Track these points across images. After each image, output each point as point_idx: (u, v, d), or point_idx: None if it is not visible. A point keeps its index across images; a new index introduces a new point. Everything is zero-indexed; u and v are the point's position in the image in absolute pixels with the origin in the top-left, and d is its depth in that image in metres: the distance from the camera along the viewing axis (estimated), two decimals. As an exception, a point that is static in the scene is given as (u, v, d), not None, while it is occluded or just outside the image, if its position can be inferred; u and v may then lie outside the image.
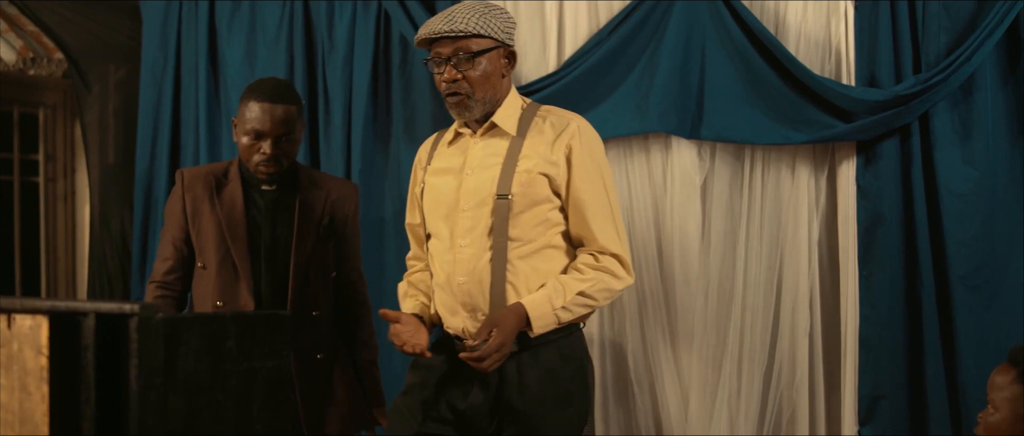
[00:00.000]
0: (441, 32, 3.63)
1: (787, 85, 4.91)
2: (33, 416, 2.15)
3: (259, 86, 4.22)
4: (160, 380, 2.11)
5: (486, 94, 3.69)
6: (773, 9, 5.04)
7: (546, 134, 3.71)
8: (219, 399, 2.23)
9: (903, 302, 4.89)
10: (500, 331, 3.54)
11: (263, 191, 4.24)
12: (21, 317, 2.17)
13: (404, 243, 5.42)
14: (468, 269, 3.66)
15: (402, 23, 5.32)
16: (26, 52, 6.27)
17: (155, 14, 5.80)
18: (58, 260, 6.35)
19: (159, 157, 5.75)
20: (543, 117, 3.77)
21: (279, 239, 4.22)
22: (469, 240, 3.67)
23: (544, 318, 3.59)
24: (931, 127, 4.81)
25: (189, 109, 5.74)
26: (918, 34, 4.85)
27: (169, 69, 5.76)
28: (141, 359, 2.09)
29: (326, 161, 5.51)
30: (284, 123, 4.15)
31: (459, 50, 3.64)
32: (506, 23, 3.71)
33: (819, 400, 5.06)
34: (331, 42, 5.53)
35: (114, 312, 2.11)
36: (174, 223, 4.27)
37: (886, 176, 4.87)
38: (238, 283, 4.18)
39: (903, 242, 4.88)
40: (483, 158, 3.73)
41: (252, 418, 2.29)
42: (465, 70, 3.65)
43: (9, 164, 6.22)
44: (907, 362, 4.89)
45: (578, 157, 3.69)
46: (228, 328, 2.25)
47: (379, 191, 5.47)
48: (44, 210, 6.31)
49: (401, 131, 5.45)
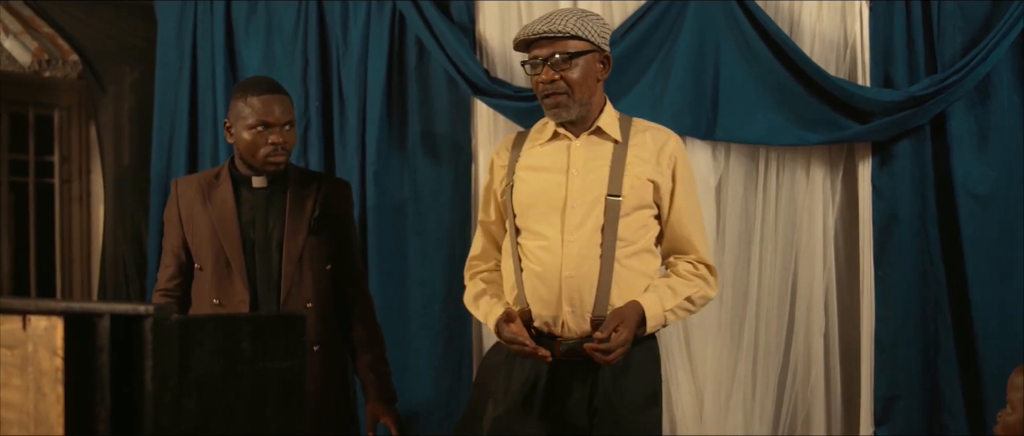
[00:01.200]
0: (539, 33, 3.73)
1: (802, 86, 4.89)
2: (48, 417, 2.15)
3: (251, 83, 4.34)
4: (174, 381, 2.12)
5: (582, 95, 3.78)
6: (788, 9, 5.03)
7: (649, 145, 3.84)
8: (233, 400, 2.23)
9: (918, 302, 4.88)
10: (627, 326, 3.64)
11: (254, 189, 4.32)
12: (36, 318, 2.18)
13: (421, 242, 5.44)
14: (576, 264, 3.72)
15: (416, 24, 5.32)
16: (41, 54, 6.28)
17: (170, 16, 5.81)
18: (73, 261, 6.36)
19: (176, 158, 5.75)
20: (641, 129, 3.90)
21: (271, 233, 4.29)
22: (577, 236, 3.73)
23: (656, 318, 3.73)
24: (948, 128, 4.80)
25: (206, 110, 5.74)
26: (933, 35, 4.83)
27: (185, 70, 5.76)
28: (156, 360, 2.09)
29: (341, 162, 5.51)
30: (287, 112, 4.26)
31: (556, 51, 3.73)
32: (603, 29, 3.79)
33: (835, 400, 5.04)
34: (346, 43, 5.53)
35: (129, 313, 2.12)
36: (172, 231, 4.38)
37: (901, 177, 4.85)
38: (233, 279, 4.24)
39: (918, 243, 4.87)
40: (588, 159, 3.82)
41: (266, 419, 2.29)
42: (562, 71, 3.73)
43: (24, 166, 6.23)
44: (923, 362, 4.87)
45: (681, 172, 3.86)
46: (242, 329, 2.25)
47: (395, 191, 5.47)
48: (59, 211, 6.31)
49: (416, 132, 5.45)
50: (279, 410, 2.30)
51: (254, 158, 4.23)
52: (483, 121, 5.41)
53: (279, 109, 4.22)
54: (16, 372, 2.21)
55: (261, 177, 4.31)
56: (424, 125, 5.46)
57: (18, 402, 2.22)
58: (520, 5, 5.34)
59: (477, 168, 5.41)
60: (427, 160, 5.45)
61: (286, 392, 2.31)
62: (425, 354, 5.42)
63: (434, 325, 5.41)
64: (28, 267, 6.25)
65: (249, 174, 4.31)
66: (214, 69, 5.69)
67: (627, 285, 3.74)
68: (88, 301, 2.34)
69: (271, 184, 4.32)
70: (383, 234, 5.43)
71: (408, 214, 5.47)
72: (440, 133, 5.43)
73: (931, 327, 4.86)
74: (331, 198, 4.40)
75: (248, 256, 4.26)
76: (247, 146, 4.22)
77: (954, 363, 4.82)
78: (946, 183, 4.83)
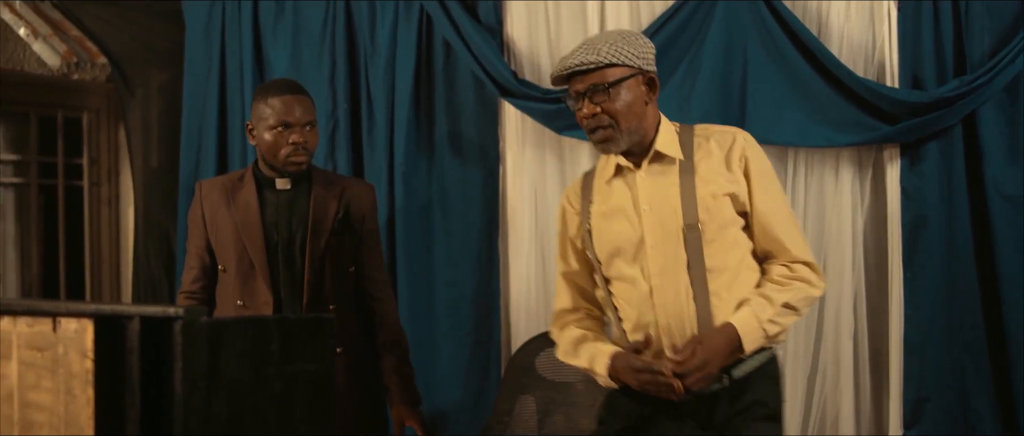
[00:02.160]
0: (571, 67, 3.51)
1: (830, 87, 4.88)
2: (78, 419, 2.16)
3: (272, 84, 4.38)
4: (204, 383, 2.12)
5: (630, 125, 3.54)
6: (816, 11, 5.01)
7: (715, 154, 3.58)
8: (262, 402, 2.23)
9: (948, 304, 4.85)
10: (704, 347, 3.40)
11: (277, 190, 4.33)
12: (66, 320, 2.19)
13: (449, 243, 5.44)
14: (669, 310, 3.50)
15: (444, 26, 5.33)
16: (70, 57, 6.31)
17: (198, 18, 5.82)
18: (102, 264, 6.39)
19: (204, 160, 5.77)
20: (704, 137, 3.63)
21: (294, 235, 4.30)
22: (663, 279, 3.51)
23: (753, 334, 3.46)
24: (978, 129, 4.77)
25: (235, 112, 5.74)
26: (962, 36, 4.81)
27: (214, 72, 5.78)
28: (185, 362, 2.10)
29: (370, 164, 5.52)
30: (307, 112, 4.26)
31: (593, 83, 3.50)
32: (642, 49, 3.56)
33: (864, 402, 5.02)
34: (373, 45, 5.53)
35: (158, 315, 2.12)
36: (195, 233, 4.41)
37: (930, 178, 4.83)
38: (256, 281, 4.26)
39: (948, 244, 4.84)
40: (656, 189, 3.58)
41: (295, 421, 2.29)
42: (601, 102, 3.50)
43: (54, 168, 6.26)
44: (952, 365, 4.85)
45: (755, 170, 3.58)
46: (271, 331, 2.26)
47: (423, 193, 5.47)
48: (88, 214, 6.34)
49: (444, 134, 5.45)
50: (308, 412, 2.31)
51: (275, 159, 4.25)
52: (511, 123, 5.40)
53: (299, 109, 4.23)
54: (47, 374, 2.22)
55: (285, 179, 4.32)
56: (452, 127, 5.46)
57: (49, 404, 2.23)
58: (548, 6, 5.34)
59: (505, 170, 5.41)
60: (455, 162, 5.45)
61: (315, 394, 2.32)
62: (452, 356, 5.42)
63: (461, 327, 5.41)
64: (57, 269, 6.28)
65: (272, 176, 4.32)
66: (242, 71, 5.71)
67: (729, 316, 3.48)
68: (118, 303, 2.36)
69: (295, 186, 4.34)
70: (411, 235, 5.44)
71: (436, 215, 5.47)
72: (468, 135, 5.43)
73: (961, 329, 4.84)
74: (354, 200, 4.41)
75: (271, 258, 4.28)
76: (268, 147, 4.24)
77: (985, 365, 4.79)
78: (977, 184, 4.80)
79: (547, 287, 5.33)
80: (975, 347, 4.80)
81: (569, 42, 5.27)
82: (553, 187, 5.33)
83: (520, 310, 5.38)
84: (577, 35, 5.28)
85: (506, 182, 5.40)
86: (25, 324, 2.28)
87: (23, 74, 6.03)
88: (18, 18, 5.67)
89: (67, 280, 6.30)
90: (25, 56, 6.02)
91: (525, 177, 5.38)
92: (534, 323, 5.32)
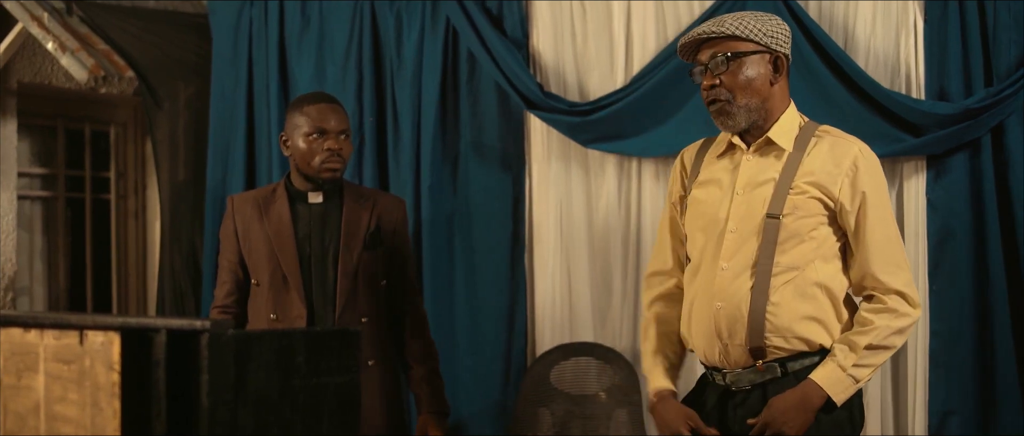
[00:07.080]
0: (693, 36, 3.48)
1: (856, 99, 4.86)
2: (105, 431, 2.17)
3: (307, 95, 4.43)
4: (230, 396, 2.13)
5: (749, 101, 3.47)
6: (842, 23, 5.00)
7: (826, 156, 3.49)
8: (288, 415, 2.24)
9: (974, 317, 4.83)
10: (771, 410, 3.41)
11: (309, 204, 4.34)
12: (93, 333, 2.19)
13: (473, 256, 5.44)
14: (727, 294, 3.45)
15: (469, 38, 5.33)
16: (97, 71, 6.32)
17: (224, 31, 5.84)
18: (129, 276, 6.41)
19: (231, 173, 5.78)
20: (823, 137, 3.56)
21: (327, 249, 4.31)
22: (732, 264, 3.46)
23: (840, 384, 3.39)
24: (1005, 141, 4.75)
25: (262, 124, 5.75)
26: (989, 46, 4.79)
27: (241, 85, 5.80)
28: (212, 375, 2.10)
29: (395, 178, 5.53)
30: (343, 120, 4.29)
31: (716, 54, 3.45)
32: (773, 28, 3.49)
33: (888, 415, 5.00)
34: (399, 59, 5.54)
35: (185, 328, 2.13)
36: (228, 247, 4.40)
37: (956, 190, 4.81)
38: (289, 294, 4.27)
39: (974, 257, 4.82)
40: (755, 175, 3.51)
41: (321, 433, 2.29)
42: (721, 74, 3.44)
43: (81, 181, 6.30)
44: (979, 378, 4.82)
45: (867, 190, 3.48)
46: (298, 344, 2.26)
47: (448, 206, 5.47)
48: (115, 227, 6.37)
49: (469, 147, 5.46)
50: (334, 425, 2.31)
51: (309, 167, 4.25)
52: (536, 135, 5.41)
53: (334, 118, 4.25)
54: (73, 387, 2.23)
55: (317, 192, 4.33)
56: (477, 139, 5.47)
57: (75, 416, 2.23)
58: (574, 18, 5.34)
59: (530, 182, 5.41)
60: (480, 175, 5.45)
61: (341, 407, 2.32)
62: (475, 368, 5.42)
63: (485, 339, 5.42)
64: (84, 282, 6.31)
65: (305, 189, 4.33)
66: (268, 85, 5.72)
67: (790, 317, 3.42)
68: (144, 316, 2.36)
69: (327, 200, 4.34)
70: (437, 248, 5.44)
71: (461, 228, 5.48)
72: (493, 147, 5.43)
73: (988, 342, 4.81)
74: (386, 213, 4.41)
75: (304, 271, 4.28)
76: (303, 155, 4.24)
77: (1013, 378, 4.76)
78: (1004, 196, 4.78)
79: (572, 300, 5.33)
80: (1002, 360, 4.77)
81: (595, 55, 5.27)
82: (578, 200, 5.33)
83: (545, 323, 5.38)
84: (603, 48, 5.28)
85: (531, 195, 5.40)
86: (52, 337, 2.29)
87: (51, 88, 6.06)
88: (46, 33, 5.68)
89: (94, 293, 6.32)
90: (53, 70, 6.04)
91: (550, 190, 5.38)
92: (558, 335, 5.32)
